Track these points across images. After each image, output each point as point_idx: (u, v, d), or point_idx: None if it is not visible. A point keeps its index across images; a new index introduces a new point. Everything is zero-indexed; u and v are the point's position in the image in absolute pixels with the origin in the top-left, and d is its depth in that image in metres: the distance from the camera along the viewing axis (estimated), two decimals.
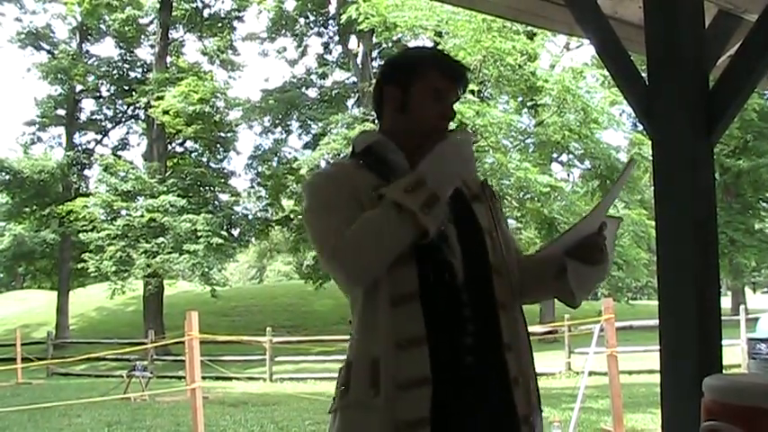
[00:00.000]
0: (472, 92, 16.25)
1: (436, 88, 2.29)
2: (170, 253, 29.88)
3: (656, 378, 3.69)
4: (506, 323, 2.21)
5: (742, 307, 18.98)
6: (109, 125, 40.03)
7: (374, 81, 2.48)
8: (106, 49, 69.35)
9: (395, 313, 2.09)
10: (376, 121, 2.46)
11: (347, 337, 2.39)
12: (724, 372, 3.63)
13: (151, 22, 37.57)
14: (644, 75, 3.81)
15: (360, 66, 35.82)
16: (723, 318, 3.70)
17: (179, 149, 37.57)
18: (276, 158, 36.39)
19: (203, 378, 10.38)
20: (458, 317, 2.14)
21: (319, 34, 38.92)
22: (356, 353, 2.16)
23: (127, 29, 36.52)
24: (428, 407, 2.04)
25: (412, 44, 35.67)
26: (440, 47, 18.80)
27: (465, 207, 2.27)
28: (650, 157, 3.84)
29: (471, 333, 2.12)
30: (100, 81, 38.18)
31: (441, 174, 2.07)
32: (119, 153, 38.46)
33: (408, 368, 2.05)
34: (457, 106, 2.34)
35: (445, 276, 2.15)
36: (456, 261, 2.17)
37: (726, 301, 32.54)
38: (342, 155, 28.47)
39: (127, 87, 37.33)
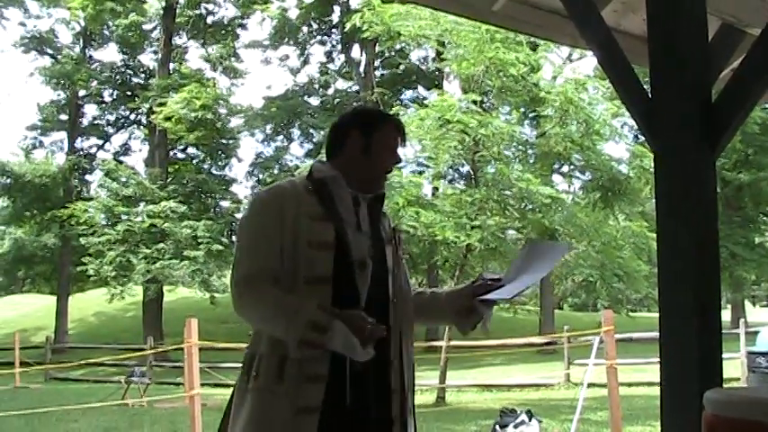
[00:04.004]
0: (475, 102, 16.23)
1: (393, 138, 2.86)
2: (170, 259, 29.90)
3: (656, 390, 3.68)
4: (395, 343, 2.70)
5: (742, 320, 18.93)
6: (111, 130, 40.13)
7: (336, 124, 2.94)
8: (109, 54, 69.35)
9: None
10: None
11: None
12: (724, 385, 3.62)
13: (154, 29, 37.67)
14: (647, 87, 3.82)
15: (362, 74, 35.84)
16: (723, 331, 3.69)
17: (180, 156, 37.66)
18: (278, 166, 36.46)
19: (202, 385, 10.37)
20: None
21: (322, 42, 38.99)
22: (267, 348, 2.60)
23: (130, 35, 36.60)
24: (321, 398, 2.51)
25: (415, 54, 35.85)
26: (443, 56, 18.83)
27: (380, 247, 2.77)
28: (652, 170, 3.84)
29: None
30: (102, 86, 38.29)
31: (342, 346, 2.47)
32: (120, 158, 38.58)
33: (312, 366, 2.52)
34: (460, 117, 2.72)
35: (351, 299, 2.60)
36: (363, 289, 2.64)
37: (726, 315, 32.50)
38: None
39: (129, 93, 37.44)
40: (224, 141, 35.91)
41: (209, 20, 37.75)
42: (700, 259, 3.48)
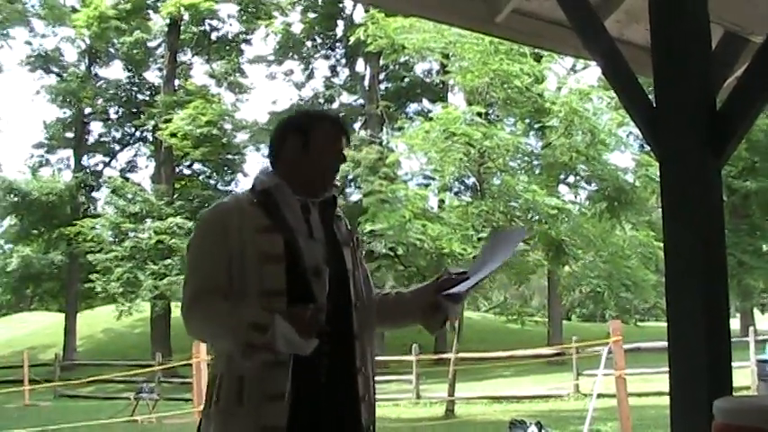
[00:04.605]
0: (479, 114, 16.25)
1: (333, 134, 2.76)
2: (177, 275, 29.88)
3: (666, 400, 3.67)
4: (360, 350, 2.63)
5: (751, 328, 18.87)
6: (117, 147, 40.19)
7: (275, 129, 2.85)
8: (114, 71, 69.33)
9: None
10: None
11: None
12: (733, 394, 3.61)
13: (159, 45, 37.81)
14: (651, 96, 3.82)
15: (367, 88, 35.90)
16: (732, 339, 3.67)
17: (187, 172, 37.68)
18: None
19: None
20: (318, 343, 2.43)
21: (326, 57, 39.04)
22: (226, 369, 2.52)
23: (135, 52, 36.72)
24: (285, 417, 2.43)
25: (419, 67, 35.90)
26: (447, 69, 18.87)
27: (337, 251, 2.69)
28: (658, 179, 3.83)
29: (328, 356, 2.48)
30: (108, 103, 38.38)
31: (284, 342, 2.35)
32: (127, 175, 38.63)
33: (271, 384, 2.43)
34: (465, 129, 2.60)
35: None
36: (322, 296, 2.54)
37: (735, 323, 32.33)
38: (348, 177, 28.66)
39: (135, 110, 37.50)
40: (230, 157, 35.98)
41: (214, 36, 37.88)
42: (705, 263, 3.47)
